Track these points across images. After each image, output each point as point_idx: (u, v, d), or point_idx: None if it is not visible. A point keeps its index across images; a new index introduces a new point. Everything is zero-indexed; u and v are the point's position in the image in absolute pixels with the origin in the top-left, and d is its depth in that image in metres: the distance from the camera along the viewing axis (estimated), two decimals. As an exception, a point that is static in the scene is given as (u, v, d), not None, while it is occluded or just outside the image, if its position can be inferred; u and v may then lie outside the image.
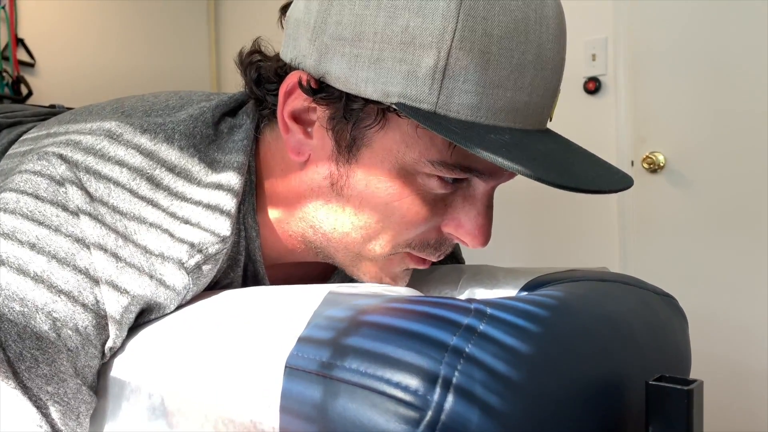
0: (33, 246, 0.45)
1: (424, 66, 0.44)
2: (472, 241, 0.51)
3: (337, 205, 0.51)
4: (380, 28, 0.45)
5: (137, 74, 2.93)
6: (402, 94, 0.45)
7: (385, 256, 0.52)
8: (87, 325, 0.45)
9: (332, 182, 0.51)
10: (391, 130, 0.47)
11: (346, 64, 0.46)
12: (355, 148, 0.49)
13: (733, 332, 1.66)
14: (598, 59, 1.89)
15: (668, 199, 1.78)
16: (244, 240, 0.55)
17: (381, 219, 0.50)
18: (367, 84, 0.46)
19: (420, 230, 0.51)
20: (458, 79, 0.44)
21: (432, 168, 0.47)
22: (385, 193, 0.49)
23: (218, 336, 0.43)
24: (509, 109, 0.45)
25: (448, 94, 0.44)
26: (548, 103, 0.48)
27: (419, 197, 0.49)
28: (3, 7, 2.47)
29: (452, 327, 0.36)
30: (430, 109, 0.44)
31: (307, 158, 0.52)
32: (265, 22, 2.38)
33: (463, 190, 0.50)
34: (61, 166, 0.48)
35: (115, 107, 0.56)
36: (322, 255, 0.56)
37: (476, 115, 0.44)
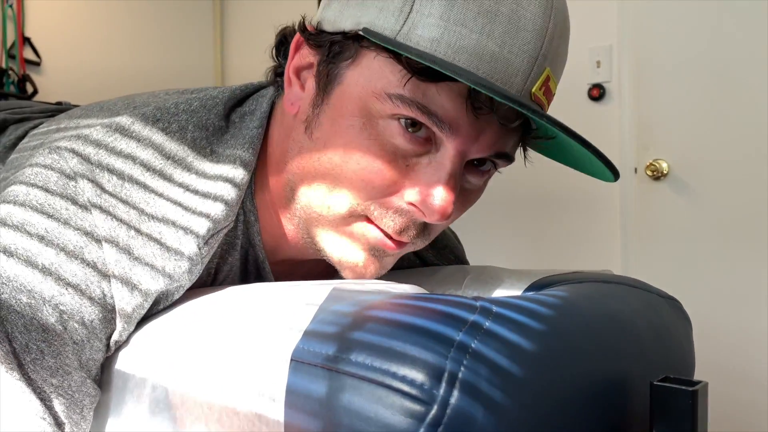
0: (42, 238, 0.45)
1: (396, 0, 0.46)
2: (431, 208, 0.48)
3: (307, 154, 0.52)
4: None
5: (143, 73, 2.94)
6: (370, 22, 0.47)
7: (344, 217, 0.51)
8: (93, 319, 0.45)
9: (306, 126, 0.52)
10: (360, 66, 0.49)
11: (339, 7, 0.50)
12: (330, 88, 0.50)
13: (735, 337, 1.66)
14: (602, 66, 1.89)
15: (671, 207, 1.78)
16: (242, 224, 0.56)
17: (339, 164, 0.49)
18: (347, 19, 0.48)
19: (377, 186, 0.49)
20: (423, 12, 0.45)
21: (391, 104, 0.47)
22: (345, 135, 0.49)
23: (223, 329, 0.43)
24: (473, 51, 0.44)
25: (412, 25, 0.45)
26: (525, 68, 0.46)
27: (378, 144, 0.48)
28: (11, 6, 2.48)
29: (458, 323, 0.36)
30: (392, 36, 0.46)
31: (297, 110, 0.53)
32: (270, 27, 2.37)
33: (429, 156, 0.49)
34: (72, 160, 0.48)
35: (126, 103, 0.57)
36: (306, 234, 0.55)
37: (435, 48, 0.44)
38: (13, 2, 2.48)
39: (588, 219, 1.94)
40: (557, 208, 1.99)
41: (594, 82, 1.90)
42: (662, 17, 1.77)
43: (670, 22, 1.76)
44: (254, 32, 3.15)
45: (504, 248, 2.09)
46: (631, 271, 1.85)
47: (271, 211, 0.57)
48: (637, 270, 1.84)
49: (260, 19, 3.15)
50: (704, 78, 1.70)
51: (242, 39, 3.23)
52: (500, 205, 1.99)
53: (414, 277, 0.62)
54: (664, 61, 1.77)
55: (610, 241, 1.90)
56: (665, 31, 1.76)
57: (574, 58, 2.18)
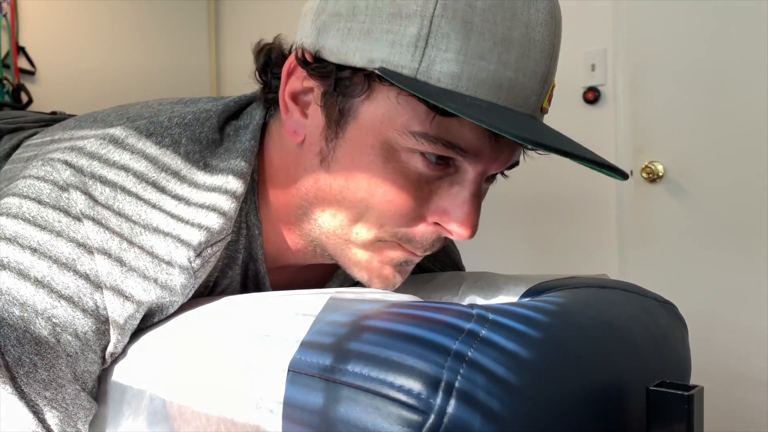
0: (34, 251, 0.45)
1: (408, 34, 0.45)
2: (457, 230, 0.49)
3: (325, 185, 0.51)
4: (372, 2, 0.46)
5: (138, 82, 2.94)
6: (385, 60, 0.46)
7: (372, 242, 0.51)
8: (87, 331, 0.45)
9: (322, 159, 0.51)
10: (375, 101, 0.48)
11: (339, 37, 0.48)
12: (343, 122, 0.49)
13: (731, 340, 1.66)
14: (597, 69, 1.90)
15: (667, 209, 1.78)
16: (245, 239, 0.55)
17: (365, 197, 0.49)
18: (355, 53, 0.47)
19: (404, 215, 0.50)
20: (440, 47, 0.44)
21: (414, 141, 0.47)
22: (368, 169, 0.49)
23: (220, 340, 0.43)
24: (492, 82, 0.45)
25: (430, 61, 0.45)
26: (537, 88, 0.47)
27: (402, 176, 0.48)
28: (4, 16, 2.48)
29: (455, 332, 0.36)
30: (411, 74, 0.45)
31: (302, 138, 0.52)
32: (264, 27, 2.38)
33: (450, 177, 0.49)
34: (65, 172, 0.48)
35: (120, 113, 0.57)
36: (319, 248, 0.55)
37: (457, 84, 0.45)
38: (7, 12, 2.48)
39: (584, 222, 1.95)
40: (553, 212, 2.00)
41: (589, 85, 1.91)
42: (657, 20, 1.78)
43: (664, 25, 1.76)
44: (248, 45, 3.16)
45: (501, 252, 2.09)
46: (628, 274, 1.85)
47: (275, 226, 0.57)
48: (634, 272, 1.84)
49: (254, 32, 3.16)
50: (699, 80, 1.71)
51: (236, 47, 3.23)
52: (496, 209, 1.99)
53: (410, 284, 0.62)
54: (658, 64, 1.78)
55: (607, 243, 1.91)
56: (660, 34, 1.77)
57: (570, 61, 2.20)
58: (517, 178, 0.67)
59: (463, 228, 0.49)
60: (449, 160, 0.48)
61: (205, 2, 3.25)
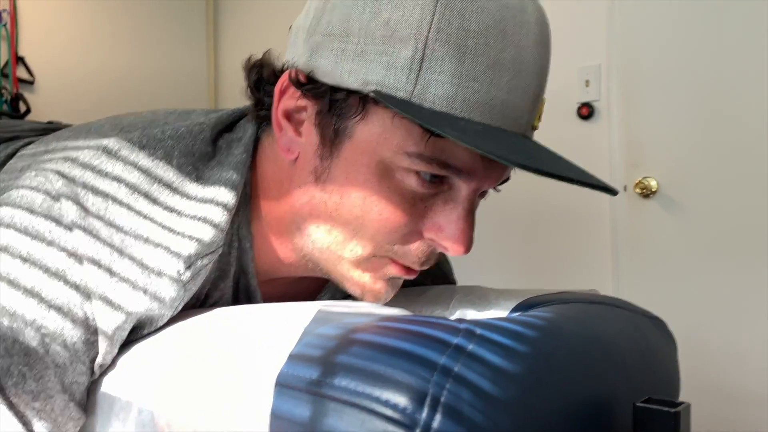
0: (25, 260, 0.45)
1: (402, 57, 0.45)
2: (453, 246, 0.50)
3: (320, 202, 0.51)
4: (365, 23, 0.47)
5: (137, 91, 2.95)
6: (380, 82, 0.46)
7: (367, 258, 0.52)
8: (76, 341, 0.45)
9: (316, 177, 0.51)
10: (371, 122, 0.48)
11: (333, 58, 0.48)
12: (338, 141, 0.50)
13: (724, 356, 1.67)
14: (591, 85, 1.91)
15: (661, 224, 1.79)
16: (236, 251, 0.56)
17: (360, 215, 0.50)
18: (350, 75, 0.47)
19: (399, 232, 0.50)
20: (434, 70, 0.45)
21: (409, 162, 0.47)
22: (363, 188, 0.49)
23: (209, 353, 0.43)
24: (485, 104, 0.46)
25: (424, 84, 0.45)
26: (528, 108, 0.48)
27: (397, 194, 0.49)
28: (4, 26, 2.49)
29: (442, 346, 0.36)
30: (406, 97, 0.45)
31: (296, 156, 0.53)
32: (263, 39, 2.39)
33: (445, 194, 0.50)
34: (58, 182, 0.48)
35: (114, 124, 0.57)
36: (311, 263, 0.56)
37: (451, 107, 0.45)
38: (6, 22, 2.50)
39: (578, 237, 1.95)
40: (547, 227, 2.00)
41: (583, 101, 1.93)
42: (650, 36, 1.79)
43: (657, 42, 1.78)
44: (246, 53, 3.17)
45: (495, 265, 2.09)
46: (622, 289, 1.85)
47: (267, 239, 0.57)
48: (628, 288, 1.84)
49: (253, 41, 3.17)
50: (692, 96, 1.73)
51: (234, 54, 3.24)
52: (490, 223, 1.99)
53: (402, 298, 0.63)
54: (652, 80, 1.79)
55: (601, 258, 1.91)
56: (653, 50, 1.79)
57: (564, 77, 2.22)
58: (511, 192, 0.68)
59: (459, 244, 0.50)
60: (443, 177, 0.49)
61: (204, 14, 3.27)
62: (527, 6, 0.48)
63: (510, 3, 0.47)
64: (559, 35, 0.53)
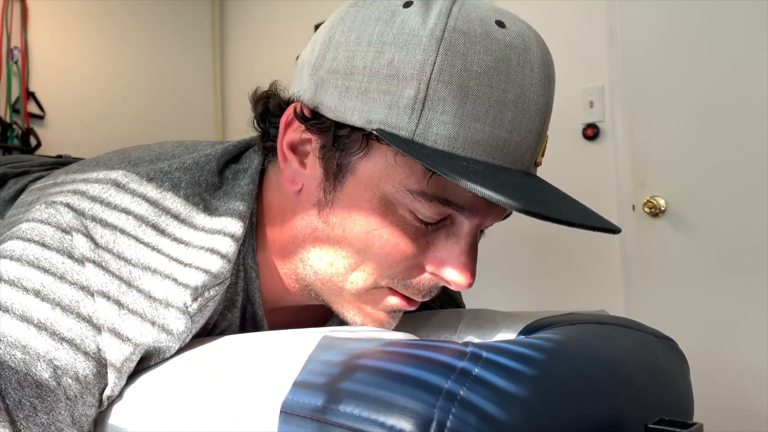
0: (38, 293, 0.45)
1: (405, 96, 0.46)
2: (455, 280, 0.50)
3: (323, 235, 0.52)
4: (369, 62, 0.47)
5: (145, 125, 2.99)
6: (383, 121, 0.46)
7: (367, 289, 0.52)
8: (87, 374, 0.45)
9: (319, 210, 0.52)
10: (373, 158, 0.49)
11: (337, 95, 0.48)
12: (341, 175, 0.50)
13: (738, 375, 1.64)
14: (595, 106, 1.92)
15: (671, 243, 1.78)
16: (242, 281, 0.56)
17: (362, 249, 0.50)
18: (353, 113, 0.48)
19: (401, 266, 0.50)
20: (437, 110, 0.45)
21: (411, 198, 0.48)
22: (366, 222, 0.49)
23: (215, 382, 0.43)
24: (487, 143, 0.46)
25: (426, 123, 0.45)
26: (531, 145, 0.48)
27: (399, 229, 0.49)
28: (15, 62, 2.54)
29: (447, 370, 0.36)
30: (408, 136, 0.46)
31: (300, 188, 0.53)
32: (268, 73, 2.42)
33: (447, 228, 0.50)
34: (67, 215, 0.49)
35: (121, 157, 0.58)
36: (313, 293, 0.56)
37: (453, 146, 0.45)
38: (18, 59, 2.55)
39: (588, 257, 1.94)
40: (556, 246, 1.99)
41: (588, 122, 1.93)
42: (651, 56, 1.80)
43: (658, 61, 1.79)
44: (253, 81, 3.21)
45: (504, 286, 2.08)
46: (634, 309, 1.83)
47: (272, 269, 0.57)
48: (640, 307, 1.82)
49: (259, 72, 3.22)
50: (697, 114, 1.73)
51: (242, 90, 3.29)
52: (500, 245, 1.99)
53: (409, 322, 0.62)
54: (655, 99, 1.80)
55: (612, 278, 1.90)
56: (655, 69, 1.80)
57: (568, 99, 2.23)
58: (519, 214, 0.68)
59: (461, 279, 0.50)
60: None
61: (210, 46, 3.32)
62: (531, 45, 0.48)
63: (514, 42, 0.47)
64: (562, 57, 0.54)
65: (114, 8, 2.93)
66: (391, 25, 0.47)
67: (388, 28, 0.47)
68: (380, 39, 0.47)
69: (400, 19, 0.47)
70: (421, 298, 0.53)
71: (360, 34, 0.48)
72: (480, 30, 0.46)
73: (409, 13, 0.47)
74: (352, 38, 0.48)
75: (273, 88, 0.57)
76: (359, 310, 0.54)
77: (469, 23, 0.46)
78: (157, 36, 3.08)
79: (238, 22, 3.30)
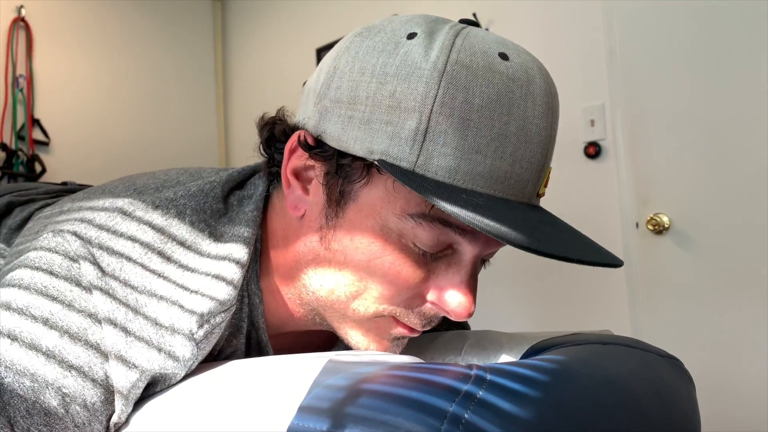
0: (46, 321, 0.45)
1: (406, 128, 0.46)
2: (454, 310, 0.50)
3: (325, 261, 0.52)
4: (372, 93, 0.47)
5: (148, 150, 3.01)
6: (384, 152, 0.47)
7: (369, 318, 0.52)
8: (95, 401, 0.45)
9: (321, 236, 0.52)
10: (375, 186, 0.49)
11: (340, 124, 0.49)
12: (343, 202, 0.50)
13: (744, 394, 1.62)
14: (596, 125, 1.93)
15: (676, 260, 1.77)
16: (247, 307, 0.56)
17: (364, 277, 0.50)
18: (356, 142, 0.48)
19: (402, 295, 0.51)
20: (438, 142, 0.46)
21: (413, 224, 0.48)
22: (367, 250, 0.50)
23: (220, 407, 0.43)
24: (488, 175, 0.46)
25: (428, 155, 0.46)
26: (533, 177, 0.49)
27: (401, 257, 0.49)
28: (21, 90, 2.57)
29: (451, 394, 0.36)
30: (409, 167, 0.46)
31: (303, 213, 0.54)
32: (269, 103, 2.43)
33: (448, 258, 0.50)
34: (75, 243, 0.49)
35: (127, 185, 0.58)
36: (318, 317, 0.56)
37: (454, 178, 0.46)
38: (23, 87, 2.58)
39: (592, 276, 1.94)
40: (561, 267, 1.99)
41: (589, 140, 1.94)
42: (651, 73, 1.81)
43: (659, 78, 1.80)
44: (255, 109, 3.25)
45: (509, 305, 2.07)
46: (640, 327, 1.82)
47: (276, 294, 0.57)
48: (646, 325, 1.82)
49: (260, 102, 3.24)
50: (698, 129, 1.73)
51: (244, 121, 3.31)
52: (504, 265, 1.98)
53: (414, 344, 0.62)
54: (656, 116, 1.80)
55: (617, 297, 1.89)
56: (655, 86, 1.81)
57: (569, 118, 2.24)
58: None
59: (460, 309, 0.50)
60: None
61: (213, 76, 3.35)
62: (534, 77, 0.48)
63: (517, 75, 0.47)
64: (562, 76, 0.54)
65: (117, 36, 2.97)
66: (395, 57, 0.48)
67: (392, 59, 0.48)
68: (383, 70, 0.47)
69: (404, 50, 0.47)
70: (421, 328, 0.53)
71: (364, 65, 0.49)
72: (483, 63, 0.46)
73: (412, 45, 0.48)
74: (356, 68, 0.49)
75: (280, 113, 0.58)
76: (363, 336, 0.54)
77: (472, 56, 0.47)
78: (160, 63, 3.12)
79: (240, 47, 3.34)
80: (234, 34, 3.37)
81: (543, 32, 2.05)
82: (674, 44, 1.77)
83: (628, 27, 1.85)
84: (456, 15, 2.64)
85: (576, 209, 1.93)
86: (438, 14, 0.50)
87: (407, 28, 0.49)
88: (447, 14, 2.26)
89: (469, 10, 2.18)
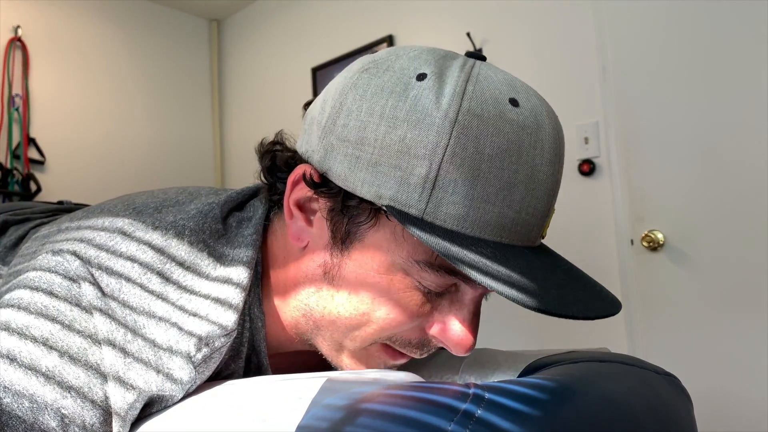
0: (45, 342, 0.45)
1: (416, 174, 0.46)
2: (455, 348, 0.51)
3: (328, 293, 0.52)
4: (381, 136, 0.47)
5: (144, 169, 3.01)
6: (393, 197, 0.46)
7: (365, 347, 0.53)
8: (94, 422, 0.45)
9: (325, 270, 0.52)
10: (381, 229, 0.49)
11: (347, 164, 0.48)
12: (349, 241, 0.50)
13: (741, 411, 1.62)
14: (590, 142, 1.94)
15: (671, 277, 1.78)
16: (248, 331, 0.56)
17: (367, 312, 0.51)
18: (363, 184, 0.48)
19: (404, 326, 0.51)
20: (447, 190, 0.45)
21: (418, 269, 0.48)
22: (372, 288, 0.50)
23: (218, 428, 0.43)
24: (496, 223, 0.46)
25: (437, 203, 0.46)
26: (538, 222, 0.49)
27: (405, 296, 0.50)
28: (17, 109, 2.57)
29: (449, 413, 0.36)
30: (418, 215, 0.46)
31: (305, 245, 0.54)
32: (267, 117, 2.44)
33: (451, 295, 0.51)
34: (74, 263, 0.49)
35: (126, 204, 0.58)
36: (313, 346, 0.57)
37: (462, 226, 0.46)
38: (19, 106, 2.58)
39: (589, 292, 1.93)
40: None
41: (583, 157, 1.95)
42: (645, 91, 1.83)
43: (652, 95, 1.82)
44: (250, 133, 3.26)
45: (506, 323, 2.07)
46: (636, 344, 1.82)
47: (276, 318, 0.57)
48: (642, 342, 1.81)
49: (256, 125, 3.26)
50: (692, 146, 1.75)
51: (240, 132, 3.32)
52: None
53: (411, 362, 0.62)
54: (650, 133, 1.82)
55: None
56: (648, 103, 1.82)
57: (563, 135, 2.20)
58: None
59: (461, 346, 0.51)
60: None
61: (209, 95, 3.37)
62: (543, 123, 0.48)
63: (526, 122, 0.47)
64: (556, 94, 0.55)
65: (114, 56, 2.99)
66: (404, 100, 0.47)
67: (401, 102, 0.47)
68: (393, 114, 0.47)
69: (414, 94, 0.47)
70: (420, 355, 0.54)
71: (372, 105, 0.48)
72: (494, 111, 0.46)
73: (422, 88, 0.47)
74: (364, 108, 0.48)
75: (278, 137, 0.57)
76: (356, 364, 0.54)
77: (483, 104, 0.46)
78: (156, 82, 3.14)
79: (236, 66, 3.36)
80: (230, 54, 3.39)
81: (536, 51, 2.07)
82: (667, 62, 1.79)
83: (621, 45, 1.87)
84: (450, 35, 2.67)
85: (571, 227, 1.94)
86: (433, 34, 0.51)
87: (416, 67, 0.48)
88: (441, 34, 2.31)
89: (463, 30, 2.20)
